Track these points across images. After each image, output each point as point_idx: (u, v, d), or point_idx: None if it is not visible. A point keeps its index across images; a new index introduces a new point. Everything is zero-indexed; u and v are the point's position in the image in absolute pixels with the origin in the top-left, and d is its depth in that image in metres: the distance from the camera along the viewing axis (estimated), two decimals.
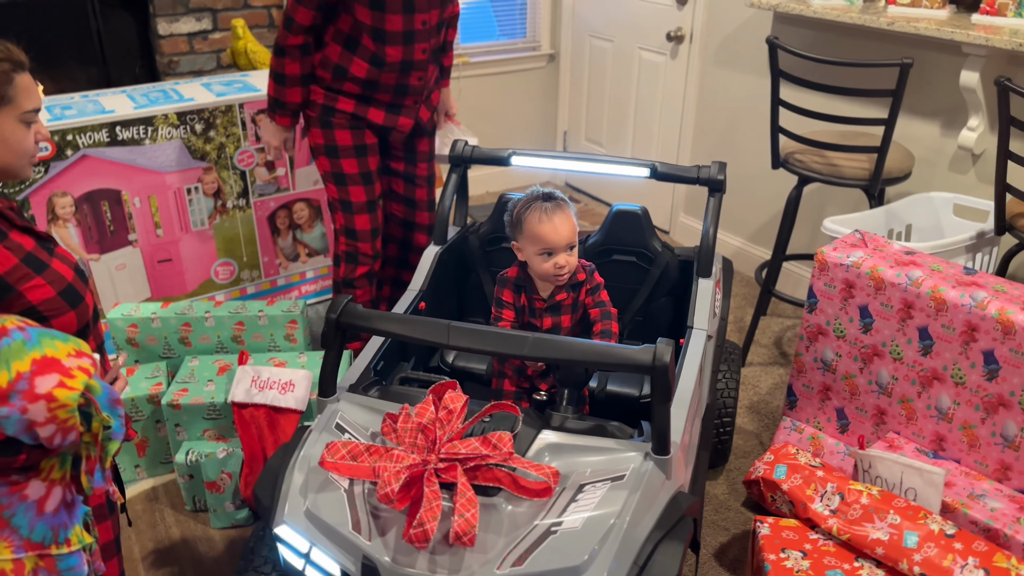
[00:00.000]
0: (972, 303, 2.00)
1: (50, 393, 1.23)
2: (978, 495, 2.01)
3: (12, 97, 1.33)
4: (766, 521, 1.98)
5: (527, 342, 1.45)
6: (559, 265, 1.86)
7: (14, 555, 1.33)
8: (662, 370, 1.39)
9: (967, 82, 2.65)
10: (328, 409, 1.64)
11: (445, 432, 1.44)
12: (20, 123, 1.35)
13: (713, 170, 2.15)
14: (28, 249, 1.39)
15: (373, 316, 1.57)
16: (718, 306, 2.21)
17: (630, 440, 1.51)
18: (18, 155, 1.38)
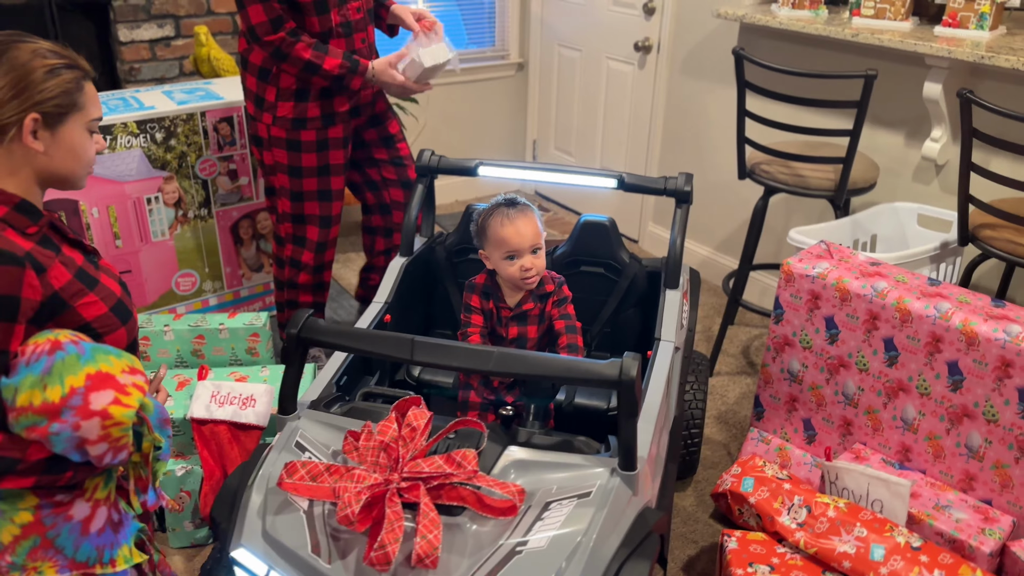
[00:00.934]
0: (936, 314, 2.01)
1: (105, 410, 1.22)
2: (944, 506, 2.02)
3: (82, 104, 1.34)
4: (733, 535, 1.96)
5: (492, 357, 1.42)
6: (525, 268, 1.86)
7: (59, 575, 1.32)
8: (628, 385, 1.37)
9: (930, 93, 2.68)
10: (288, 427, 1.59)
11: (408, 450, 1.40)
12: (86, 131, 1.36)
13: (680, 181, 2.15)
14: (79, 264, 1.37)
15: (335, 331, 1.53)
16: (685, 317, 2.20)
17: (597, 455, 1.49)
18: (81, 163, 1.38)
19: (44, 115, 1.29)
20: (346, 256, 4.00)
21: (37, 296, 1.27)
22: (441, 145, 4.52)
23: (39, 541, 1.31)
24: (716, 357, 3.07)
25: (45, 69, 1.29)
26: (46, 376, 1.21)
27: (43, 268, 1.28)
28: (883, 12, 2.78)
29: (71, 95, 1.31)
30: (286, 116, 2.51)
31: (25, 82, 1.27)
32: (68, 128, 1.32)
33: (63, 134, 1.32)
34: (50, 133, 1.31)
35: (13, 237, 1.27)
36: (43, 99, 1.28)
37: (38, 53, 1.30)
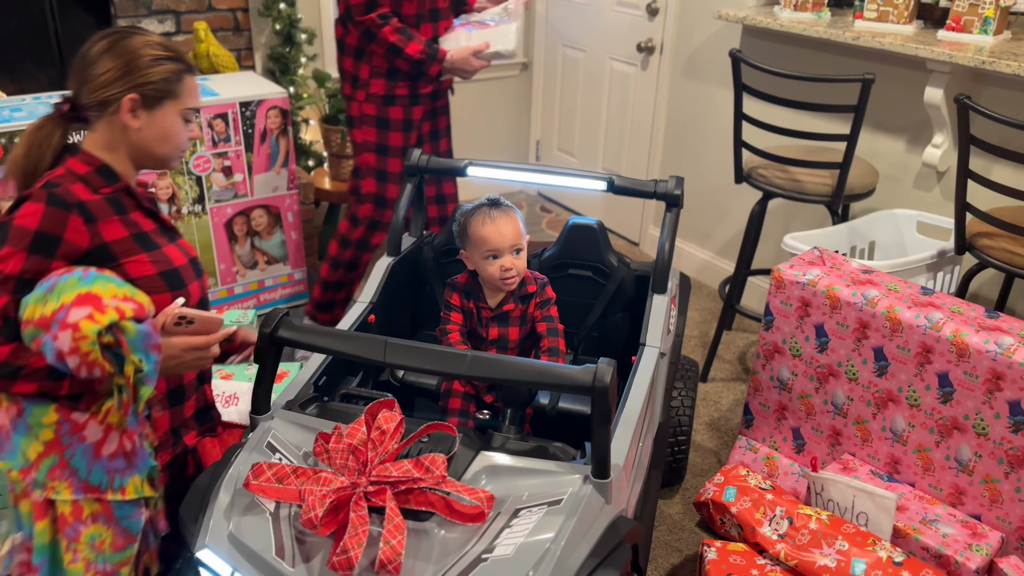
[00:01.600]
0: (927, 324, 1.97)
1: (76, 323, 1.30)
2: (931, 520, 1.98)
3: (179, 93, 1.52)
4: (713, 545, 1.93)
5: (465, 360, 1.40)
6: (505, 268, 1.85)
7: (73, 496, 1.47)
8: (602, 391, 1.34)
9: (931, 99, 2.63)
10: (260, 427, 1.57)
11: (377, 454, 1.39)
12: (180, 117, 1.54)
13: (670, 185, 2.11)
14: (145, 230, 1.54)
15: (309, 331, 1.52)
16: (673, 323, 2.17)
17: (571, 462, 1.46)
18: (171, 145, 1.55)
19: (143, 96, 1.47)
20: None
21: (83, 242, 1.44)
22: None
23: (57, 460, 1.45)
24: (711, 363, 3.03)
25: (151, 57, 1.47)
26: (48, 293, 1.35)
27: (94, 218, 1.46)
28: (886, 15, 2.74)
29: (170, 83, 1.50)
30: (377, 93, 2.70)
31: (131, 66, 1.46)
32: (163, 112, 1.51)
33: (158, 116, 1.50)
34: (147, 113, 1.49)
35: (78, 189, 1.46)
36: (144, 82, 1.47)
37: (148, 44, 1.49)
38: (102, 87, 1.47)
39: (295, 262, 3.37)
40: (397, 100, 2.72)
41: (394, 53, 2.62)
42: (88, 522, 1.49)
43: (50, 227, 1.41)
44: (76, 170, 1.49)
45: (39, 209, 1.41)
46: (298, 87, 3.77)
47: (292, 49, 3.74)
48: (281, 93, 3.09)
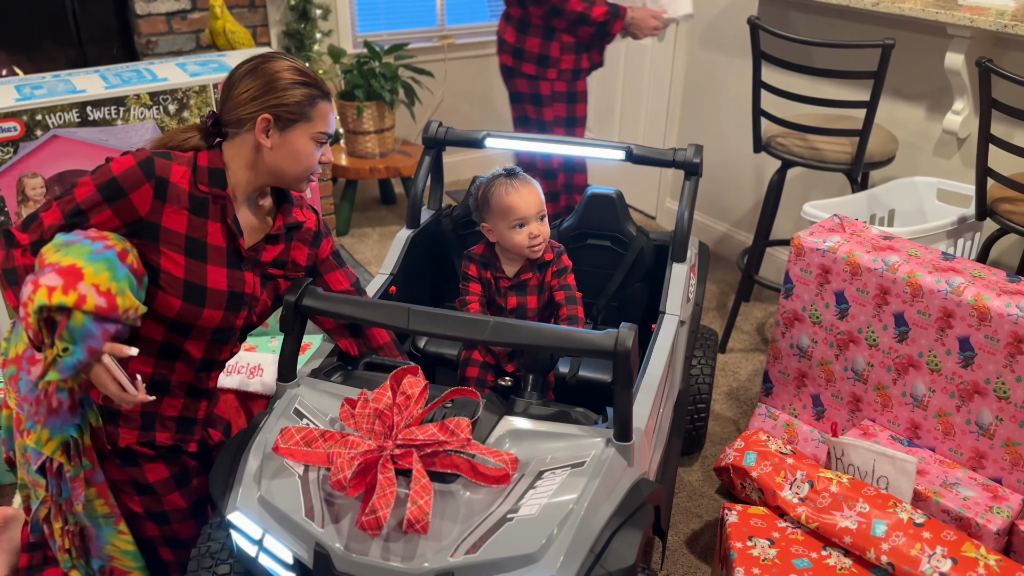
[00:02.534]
0: (948, 289, 1.97)
1: (39, 285, 1.38)
2: (951, 483, 1.98)
3: (312, 117, 1.56)
4: (734, 508, 1.95)
5: (488, 326, 1.42)
6: (533, 235, 1.85)
7: (16, 408, 1.57)
8: (624, 356, 1.36)
9: (952, 64, 2.61)
10: (287, 394, 1.60)
11: (403, 418, 1.41)
12: (311, 140, 1.57)
13: (689, 153, 2.10)
14: (208, 240, 1.57)
15: (333, 299, 1.54)
16: (692, 291, 2.17)
17: (593, 426, 1.48)
18: (301, 168, 1.59)
19: (276, 117, 1.53)
20: (361, 231, 4.01)
21: (143, 210, 1.51)
22: (458, 119, 4.50)
23: (15, 372, 1.56)
24: (729, 333, 3.04)
25: (287, 81, 1.53)
26: (65, 246, 1.44)
27: (165, 199, 1.52)
28: None
29: (303, 107, 1.54)
30: (568, 68, 2.82)
31: (268, 87, 1.53)
32: (295, 134, 1.55)
33: (289, 137, 1.55)
34: (279, 134, 1.55)
35: (177, 172, 1.53)
36: (278, 103, 1.53)
37: (286, 68, 1.55)
38: (240, 105, 1.54)
39: None
40: (582, 73, 2.86)
41: (580, 22, 2.73)
42: (24, 434, 1.57)
43: (125, 181, 1.49)
44: (199, 160, 1.57)
45: (130, 163, 1.50)
46: (313, 63, 3.78)
47: (307, 25, 3.74)
48: None
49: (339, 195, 4.06)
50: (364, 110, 3.74)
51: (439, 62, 4.29)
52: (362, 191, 4.32)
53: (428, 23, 4.31)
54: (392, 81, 3.75)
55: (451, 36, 4.33)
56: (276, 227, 1.67)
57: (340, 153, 3.95)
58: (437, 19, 4.32)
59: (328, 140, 1.62)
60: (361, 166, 3.85)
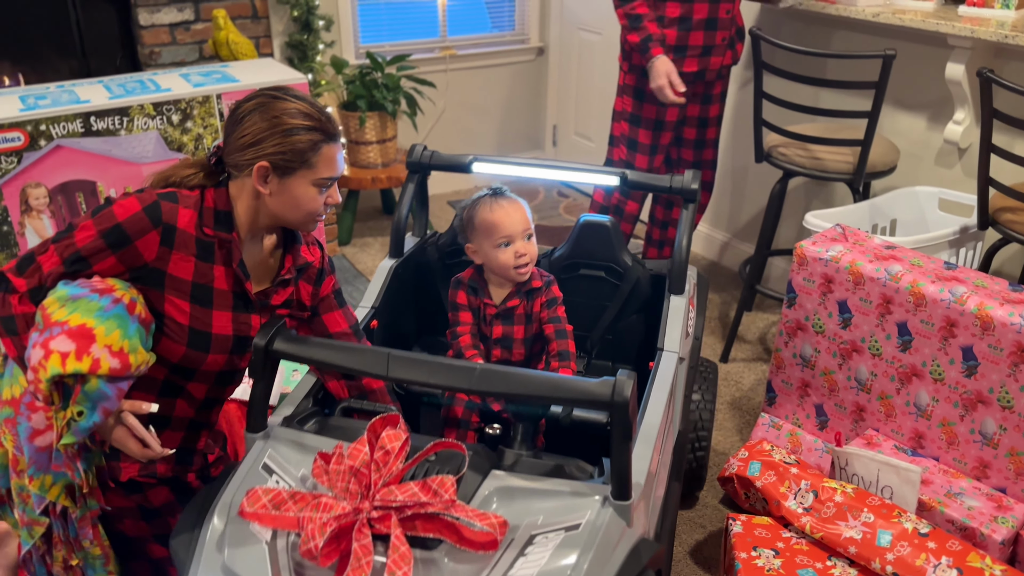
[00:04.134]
0: (951, 298, 1.97)
1: (48, 352, 1.34)
2: (956, 493, 1.98)
3: (314, 164, 1.47)
4: (739, 519, 1.95)
5: (475, 374, 1.31)
6: (519, 253, 1.79)
7: (13, 449, 1.52)
8: (622, 406, 1.24)
9: (953, 75, 2.62)
10: (256, 446, 1.45)
11: (381, 476, 1.28)
12: (312, 186, 1.48)
13: (687, 179, 1.98)
14: (214, 285, 1.52)
15: (307, 343, 1.41)
16: (691, 325, 2.05)
17: (589, 482, 1.35)
18: (303, 213, 1.51)
19: (273, 165, 1.45)
20: (363, 241, 4.01)
21: (148, 256, 1.46)
22: (460, 130, 4.52)
23: (12, 415, 1.50)
24: (731, 343, 3.04)
25: (285, 128, 1.44)
26: (71, 301, 1.38)
27: (172, 245, 1.47)
28: None
29: (303, 155, 1.45)
30: (639, 64, 2.81)
31: (265, 135, 1.44)
32: (295, 181, 1.47)
33: (289, 185, 1.47)
34: (278, 180, 1.47)
35: (184, 216, 1.47)
36: (274, 152, 1.44)
37: (287, 112, 1.45)
38: (238, 150, 1.47)
39: None
40: (646, 95, 2.81)
41: (623, 35, 2.80)
42: (20, 475, 1.53)
43: (130, 228, 1.43)
44: (206, 201, 1.51)
45: (135, 208, 1.44)
46: (316, 74, 3.79)
47: (310, 36, 3.76)
48: (300, 79, 3.10)
49: (341, 205, 4.07)
50: (366, 120, 3.75)
51: (441, 73, 4.31)
52: (364, 201, 4.33)
53: (430, 34, 4.33)
54: (394, 91, 3.76)
55: (453, 47, 4.35)
56: (286, 270, 1.61)
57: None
58: (439, 30, 4.34)
59: (333, 183, 1.53)
60: (363, 176, 3.86)
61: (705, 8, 2.70)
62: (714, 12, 2.72)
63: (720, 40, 2.78)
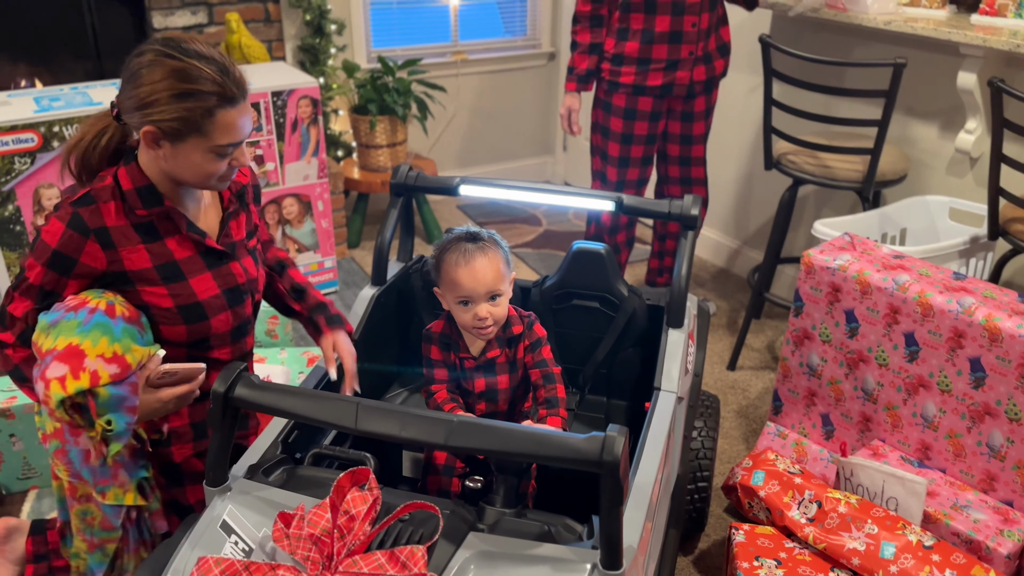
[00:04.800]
0: (959, 309, 1.96)
1: (49, 381, 1.34)
2: (962, 506, 1.96)
3: (207, 131, 1.38)
4: (742, 528, 1.94)
5: (450, 427, 1.19)
6: (479, 317, 1.61)
7: (69, 478, 1.50)
8: (612, 467, 1.11)
9: (964, 84, 2.60)
10: (215, 504, 1.33)
11: (345, 543, 1.18)
12: (208, 153, 1.40)
13: (687, 204, 1.86)
14: (176, 259, 1.49)
15: (270, 390, 1.28)
16: (691, 361, 1.92)
17: (576, 545, 1.23)
18: (200, 177, 1.44)
19: (162, 131, 1.37)
20: (372, 244, 4.02)
21: (99, 265, 1.44)
22: (470, 135, 4.53)
23: (60, 445, 1.48)
24: (739, 351, 3.03)
25: (173, 92, 1.35)
26: (52, 327, 1.39)
27: (114, 245, 1.44)
28: (918, 0, 2.71)
29: (193, 121, 1.36)
30: (604, 77, 2.87)
31: (154, 97, 1.35)
32: (187, 147, 1.39)
33: (182, 151, 1.40)
34: (170, 145, 1.39)
35: (108, 210, 1.43)
36: (163, 118, 1.36)
37: (178, 72, 1.34)
38: (129, 111, 1.40)
39: (325, 250, 3.41)
40: (620, 87, 2.80)
41: None
42: (82, 500, 1.52)
43: (66, 248, 1.41)
44: (122, 183, 1.45)
45: (59, 229, 1.41)
46: (328, 78, 3.81)
47: (322, 40, 3.78)
48: (312, 83, 3.12)
49: (351, 208, 4.08)
50: (377, 124, 3.76)
51: (452, 77, 4.32)
52: (373, 204, 4.34)
53: (442, 39, 4.35)
54: (405, 96, 3.78)
55: (464, 52, 4.36)
56: (227, 202, 1.56)
57: (353, 166, 3.97)
58: (451, 35, 4.36)
59: (235, 148, 1.43)
60: (373, 179, 3.87)
61: (667, 21, 2.66)
62: (678, 25, 2.67)
63: (686, 54, 2.73)
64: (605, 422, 1.99)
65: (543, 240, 4.08)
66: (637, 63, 2.74)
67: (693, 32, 2.70)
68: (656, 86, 2.77)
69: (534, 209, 4.39)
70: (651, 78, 2.75)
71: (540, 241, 4.06)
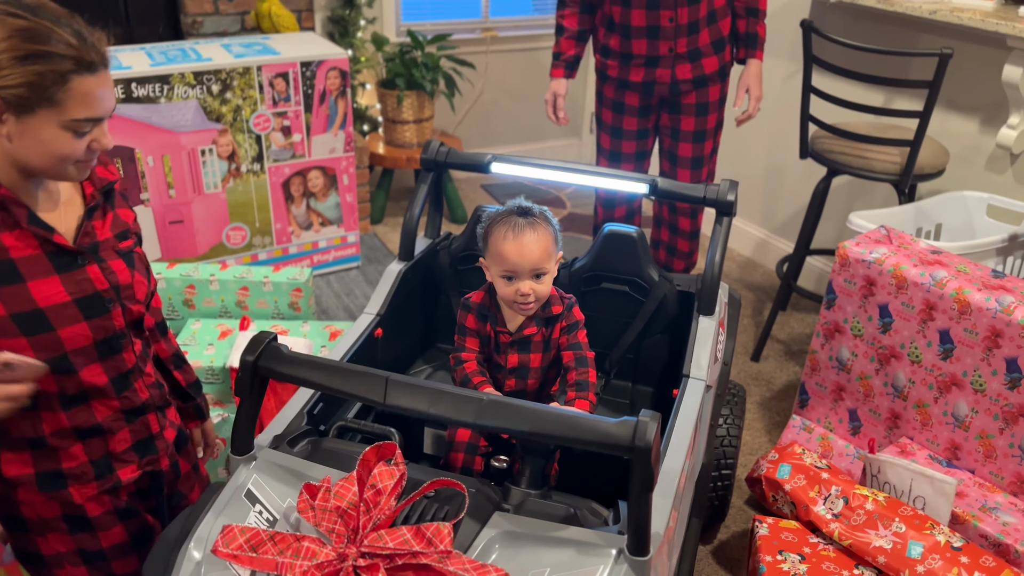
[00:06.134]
0: (998, 307, 1.91)
1: None
2: (991, 508, 1.93)
3: (60, 101, 1.17)
4: (765, 521, 1.91)
5: (480, 406, 1.18)
6: (522, 292, 1.59)
7: None
8: (643, 453, 1.10)
9: (1010, 77, 2.53)
10: (240, 472, 1.32)
11: (371, 518, 1.17)
12: (62, 129, 1.19)
13: (723, 189, 1.82)
14: (12, 256, 1.24)
15: (298, 362, 1.26)
16: (721, 349, 1.89)
17: (602, 529, 1.22)
18: (52, 159, 1.21)
19: (5, 101, 1.15)
20: (396, 220, 4.00)
21: None
22: (497, 113, 4.49)
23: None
24: (764, 342, 2.99)
25: (16, 53, 1.14)
26: None
27: None
28: None
29: (42, 89, 1.15)
30: (596, 67, 2.78)
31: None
32: (36, 121, 1.17)
33: (30, 125, 1.18)
34: (14, 119, 1.17)
35: None
36: (4, 85, 1.14)
37: (24, 32, 1.14)
38: None
39: (348, 225, 3.39)
40: (608, 80, 2.72)
41: None
42: None
43: None
44: None
45: None
46: (356, 50, 3.77)
47: (352, 11, 3.74)
48: (341, 54, 3.09)
49: (375, 183, 4.06)
50: (404, 99, 3.73)
51: (481, 54, 4.27)
52: (398, 180, 4.32)
53: (472, 14, 4.30)
54: (433, 71, 3.74)
55: (494, 28, 4.30)
56: (90, 198, 1.33)
57: (378, 141, 3.94)
58: (481, 11, 4.30)
59: (95, 125, 1.22)
60: (399, 155, 3.84)
61: (642, 15, 2.54)
62: (654, 20, 2.54)
63: (665, 51, 2.58)
64: (630, 408, 1.98)
65: (567, 223, 4.05)
66: (620, 57, 2.65)
67: (671, 28, 2.55)
68: (638, 83, 2.66)
69: (559, 191, 4.35)
70: (632, 74, 2.66)
71: (564, 223, 4.02)
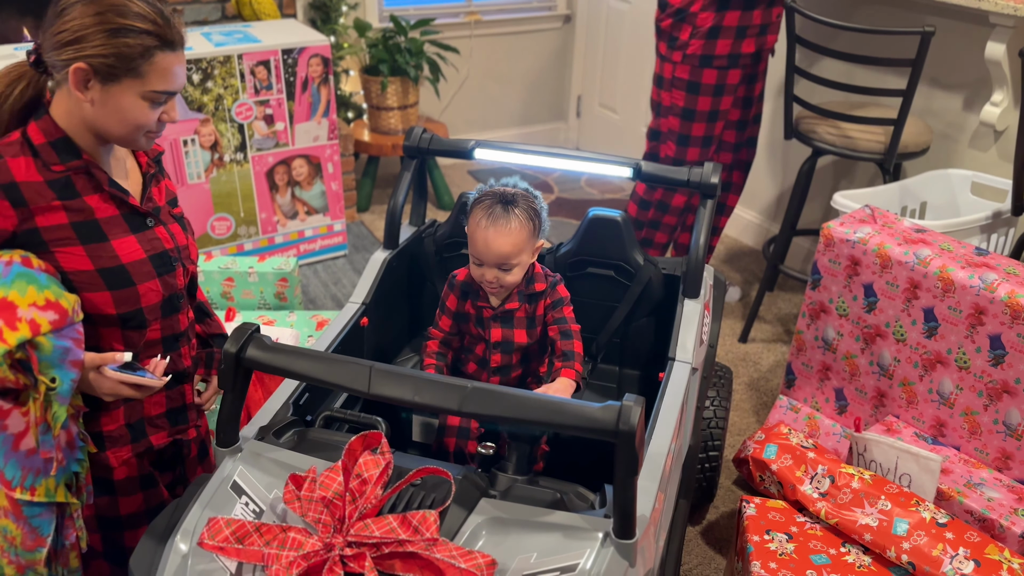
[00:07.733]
0: (981, 285, 1.92)
1: None
2: (976, 484, 1.94)
3: (143, 73, 1.29)
4: (752, 501, 1.92)
5: (464, 393, 1.19)
6: (486, 280, 1.65)
7: None
8: (628, 436, 1.10)
9: (992, 54, 2.53)
10: (225, 464, 1.32)
11: (356, 507, 1.18)
12: (141, 99, 1.31)
13: (706, 172, 1.82)
14: (97, 217, 1.37)
15: (282, 352, 1.26)
16: (706, 332, 1.92)
17: (588, 513, 1.23)
18: (127, 128, 1.33)
19: (94, 69, 1.27)
20: (382, 208, 3.99)
21: (8, 225, 1.31)
22: (482, 98, 4.47)
23: None
24: (752, 323, 3.00)
25: (113, 26, 1.26)
26: None
27: (25, 202, 1.31)
28: None
29: (131, 60, 1.28)
30: (695, 54, 2.66)
31: (87, 31, 1.26)
32: (120, 90, 1.29)
33: (113, 93, 1.30)
34: (100, 87, 1.29)
35: (18, 165, 1.30)
36: (96, 53, 1.26)
37: (116, 7, 1.26)
38: (56, 47, 1.28)
39: (334, 213, 3.38)
40: (714, 62, 2.67)
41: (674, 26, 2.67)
42: (7, 514, 1.38)
43: None
44: (32, 138, 1.33)
45: None
46: (339, 36, 3.74)
47: None
48: (323, 41, 3.06)
49: (361, 171, 4.04)
50: (388, 85, 3.71)
51: (465, 39, 4.25)
52: (384, 167, 4.30)
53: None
54: (417, 57, 3.71)
55: (478, 12, 4.27)
56: (145, 166, 1.46)
57: (363, 129, 3.92)
58: None
59: (168, 99, 1.34)
60: (384, 142, 3.83)
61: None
62: None
63: (775, 17, 2.68)
64: (617, 392, 1.99)
65: (555, 207, 4.04)
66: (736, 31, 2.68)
67: None
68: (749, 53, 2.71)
69: (546, 176, 4.34)
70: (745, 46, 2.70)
71: (552, 208, 4.02)
